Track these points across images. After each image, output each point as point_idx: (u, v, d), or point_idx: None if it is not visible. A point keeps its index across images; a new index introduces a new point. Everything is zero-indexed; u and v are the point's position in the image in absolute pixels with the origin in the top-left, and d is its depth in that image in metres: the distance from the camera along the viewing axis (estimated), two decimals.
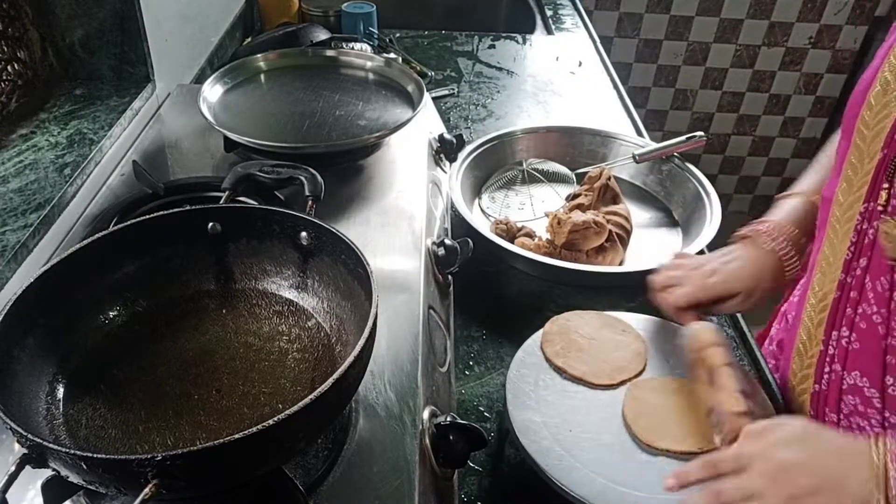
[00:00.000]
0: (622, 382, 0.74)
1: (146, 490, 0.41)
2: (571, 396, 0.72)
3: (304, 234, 0.64)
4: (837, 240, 0.68)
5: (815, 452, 0.58)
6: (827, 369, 0.70)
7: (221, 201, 0.71)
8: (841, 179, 0.68)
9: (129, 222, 0.63)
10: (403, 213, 0.86)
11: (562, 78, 1.54)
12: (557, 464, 0.64)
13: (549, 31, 1.80)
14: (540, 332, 0.79)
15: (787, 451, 0.58)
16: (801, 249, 0.79)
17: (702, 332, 0.74)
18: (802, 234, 0.80)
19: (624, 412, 0.70)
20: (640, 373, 0.75)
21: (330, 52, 1.16)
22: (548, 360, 0.75)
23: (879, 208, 0.62)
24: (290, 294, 0.66)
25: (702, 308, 0.79)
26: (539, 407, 0.70)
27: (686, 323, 0.77)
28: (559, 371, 0.74)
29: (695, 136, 1.14)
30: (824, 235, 0.71)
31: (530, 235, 1.02)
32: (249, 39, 1.54)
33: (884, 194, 0.62)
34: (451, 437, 0.60)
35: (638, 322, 0.82)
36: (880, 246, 0.63)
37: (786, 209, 0.82)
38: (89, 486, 0.45)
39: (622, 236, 1.01)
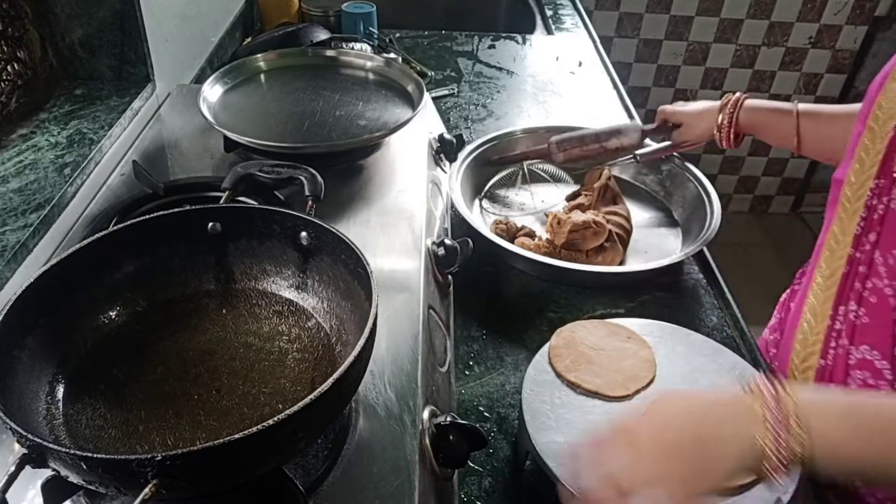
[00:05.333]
0: (637, 392, 0.72)
1: (146, 490, 0.41)
2: (589, 412, 0.70)
3: (304, 234, 0.64)
4: (847, 217, 0.71)
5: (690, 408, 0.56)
6: (833, 344, 0.72)
7: (221, 201, 0.71)
8: (853, 161, 0.70)
9: (128, 222, 0.63)
10: (403, 213, 0.86)
11: (562, 78, 1.54)
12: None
13: (549, 31, 1.80)
14: (546, 347, 0.77)
15: (665, 415, 0.55)
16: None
17: None
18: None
19: None
20: (652, 381, 0.74)
21: (330, 52, 1.16)
22: (559, 375, 0.74)
23: (895, 174, 0.65)
24: (290, 294, 0.66)
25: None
26: (560, 427, 0.68)
27: None
28: (573, 386, 0.73)
29: None
30: (833, 216, 0.73)
31: (530, 235, 1.02)
32: (249, 39, 1.54)
33: None
34: (451, 437, 0.60)
35: (640, 327, 0.81)
36: (892, 218, 0.65)
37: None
38: (89, 486, 0.45)
39: (622, 236, 1.01)
